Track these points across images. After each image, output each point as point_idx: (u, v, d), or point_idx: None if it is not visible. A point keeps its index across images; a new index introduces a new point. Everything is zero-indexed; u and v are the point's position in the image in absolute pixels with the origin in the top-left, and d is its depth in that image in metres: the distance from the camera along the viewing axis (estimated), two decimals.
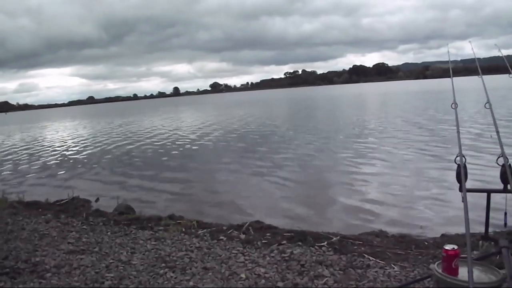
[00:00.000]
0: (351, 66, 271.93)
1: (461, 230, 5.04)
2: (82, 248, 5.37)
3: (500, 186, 3.23)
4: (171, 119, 39.94)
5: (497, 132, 3.46)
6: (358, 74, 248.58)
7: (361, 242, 5.14)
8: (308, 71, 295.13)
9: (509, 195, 3.03)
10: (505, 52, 4.69)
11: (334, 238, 5.24)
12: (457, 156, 3.21)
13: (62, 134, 31.76)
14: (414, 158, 12.06)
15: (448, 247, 2.98)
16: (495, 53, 4.85)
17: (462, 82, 34.04)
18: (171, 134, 24.08)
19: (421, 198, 8.10)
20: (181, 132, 24.82)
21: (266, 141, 17.98)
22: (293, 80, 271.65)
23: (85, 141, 23.95)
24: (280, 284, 4.00)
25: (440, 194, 8.21)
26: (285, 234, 5.54)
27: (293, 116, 34.56)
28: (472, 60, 4.89)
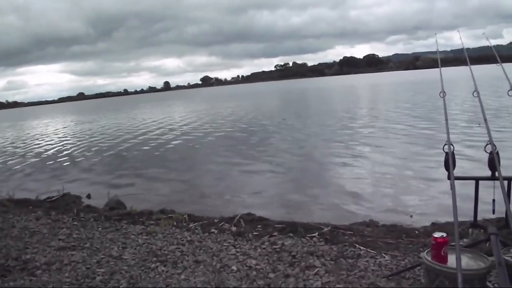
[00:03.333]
0: (341, 58, 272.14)
1: (451, 218, 5.05)
2: (73, 244, 5.34)
3: (489, 173, 3.26)
4: (161, 113, 39.80)
5: (485, 120, 3.48)
6: (348, 65, 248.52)
7: (352, 232, 5.15)
8: (299, 63, 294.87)
9: (497, 182, 3.04)
10: (493, 42, 4.70)
11: (325, 229, 5.25)
12: (445, 144, 3.24)
13: (52, 131, 31.58)
14: (404, 147, 12.14)
15: (437, 235, 3.00)
16: (483, 42, 4.87)
17: (453, 72, 34.16)
18: (161, 129, 24.02)
19: (411, 187, 8.16)
20: (171, 127, 24.77)
21: (256, 134, 18.00)
22: (284, 72, 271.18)
23: (76, 137, 23.84)
24: (271, 275, 4.00)
25: (430, 182, 8.27)
26: (276, 225, 5.54)
27: (284, 108, 34.54)
28: (462, 50, 4.90)
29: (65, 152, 17.60)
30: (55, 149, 19.00)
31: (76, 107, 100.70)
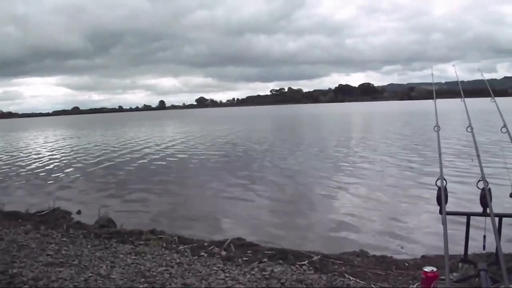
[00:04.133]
0: (336, 85, 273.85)
1: (441, 251, 5.04)
2: (61, 260, 5.30)
3: (480, 209, 3.28)
4: (156, 132, 39.78)
5: (478, 155, 3.52)
6: (343, 93, 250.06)
7: (342, 262, 5.15)
8: (294, 89, 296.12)
9: (488, 218, 3.07)
10: (487, 76, 4.77)
11: (315, 257, 5.24)
12: (438, 179, 3.25)
13: (45, 144, 31.47)
14: (396, 179, 12.14)
15: (427, 269, 3.01)
16: (478, 76, 4.94)
17: (447, 104, 34.44)
18: (154, 148, 23.97)
19: (402, 219, 8.15)
20: (164, 146, 24.71)
21: (249, 158, 18.00)
22: (279, 97, 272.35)
23: (69, 152, 23.75)
24: None
25: (421, 215, 8.29)
26: (266, 252, 5.53)
27: (277, 133, 34.61)
28: (456, 83, 4.97)
29: (57, 167, 17.51)
30: (47, 163, 18.91)
31: (71, 121, 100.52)
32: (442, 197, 3.12)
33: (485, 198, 3.13)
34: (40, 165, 18.36)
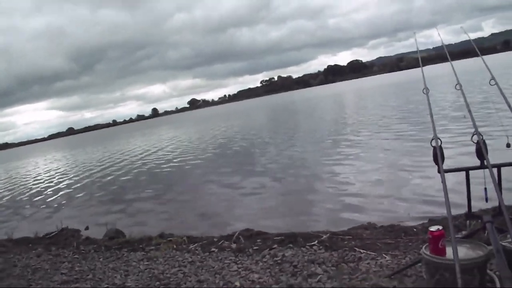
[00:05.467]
0: (325, 67, 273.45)
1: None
2: (76, 277, 5.34)
3: (478, 162, 3.29)
4: (150, 140, 39.71)
5: (469, 111, 3.53)
6: (333, 74, 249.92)
7: (351, 237, 5.18)
8: (284, 77, 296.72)
9: (486, 170, 3.09)
10: (474, 35, 4.77)
11: (324, 236, 5.27)
12: (432, 139, 3.28)
13: (44, 168, 31.44)
14: (393, 148, 12.27)
15: (433, 228, 3.03)
16: (464, 37, 4.94)
17: (436, 69, 34.46)
18: (151, 156, 23.96)
19: (405, 186, 8.22)
20: (161, 153, 24.65)
21: (246, 151, 18.05)
22: (270, 87, 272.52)
23: (68, 173, 23.74)
24: (274, 286, 4.02)
25: (423, 179, 8.35)
26: (275, 238, 5.56)
27: (271, 123, 34.73)
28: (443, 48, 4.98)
29: (59, 188, 17.51)
30: (48, 186, 18.90)
31: (66, 143, 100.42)
32: (438, 156, 3.14)
33: (481, 150, 3.15)
34: (42, 189, 18.35)
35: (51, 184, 19.69)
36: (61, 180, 20.57)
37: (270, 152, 16.04)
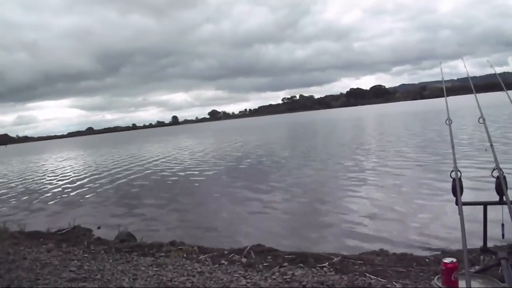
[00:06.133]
0: (347, 90, 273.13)
1: (461, 244, 5.06)
2: (84, 275, 5.36)
3: (497, 198, 3.26)
4: (170, 148, 39.89)
5: (491, 145, 3.51)
6: (355, 97, 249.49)
7: (362, 262, 5.14)
8: (306, 96, 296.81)
9: (505, 206, 3.05)
10: (499, 69, 4.74)
11: (335, 259, 5.24)
12: (452, 171, 3.26)
13: (62, 165, 31.74)
14: (411, 177, 12.18)
15: (446, 260, 3.00)
16: (490, 70, 4.91)
17: (460, 100, 34.22)
18: (170, 162, 24.11)
19: (420, 215, 8.18)
20: (179, 161, 24.79)
21: (263, 167, 18.05)
22: (291, 105, 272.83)
23: (86, 172, 23.94)
24: None
25: (439, 209, 8.28)
26: (286, 256, 5.54)
27: (289, 141, 34.72)
28: (468, 79, 4.95)
29: (74, 186, 17.67)
30: (64, 183, 19.08)
31: (85, 142, 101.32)
32: (457, 188, 3.12)
33: (500, 186, 3.12)
34: (57, 185, 18.54)
35: (67, 181, 19.88)
36: (76, 178, 20.76)
37: (288, 171, 16.00)
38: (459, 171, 3.26)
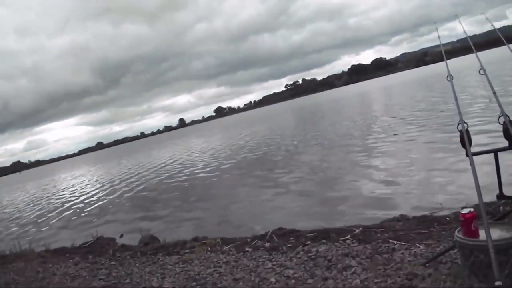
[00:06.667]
0: (348, 67, 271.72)
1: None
2: (114, 282, 5.45)
3: (506, 143, 3.28)
4: (178, 150, 39.91)
5: (494, 93, 3.52)
6: (358, 73, 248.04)
7: (383, 229, 5.17)
8: (308, 79, 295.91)
9: None
10: (499, 24, 4.69)
11: (357, 230, 5.27)
12: (458, 124, 3.27)
13: (77, 182, 31.98)
14: (420, 140, 12.32)
15: (464, 211, 3.03)
16: (488, 27, 4.87)
17: (462, 61, 34.00)
18: (181, 164, 24.17)
19: (435, 176, 8.23)
20: (189, 162, 24.81)
21: (274, 154, 18.07)
22: (295, 90, 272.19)
23: (100, 185, 24.11)
24: (310, 281, 4.05)
25: (453, 167, 8.31)
26: (308, 235, 5.57)
27: (298, 126, 34.70)
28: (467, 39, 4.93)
29: (91, 200, 17.82)
30: (81, 199, 19.26)
31: (96, 157, 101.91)
32: (465, 139, 3.14)
33: (508, 131, 3.14)
34: (74, 202, 18.71)
35: (82, 196, 20.07)
36: (91, 192, 20.95)
37: (299, 155, 16.04)
38: (465, 123, 3.28)
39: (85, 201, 17.96)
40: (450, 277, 3.42)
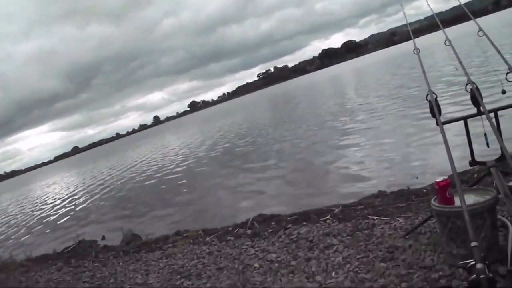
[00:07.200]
0: (320, 52, 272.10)
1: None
2: (98, 283, 5.41)
3: (474, 110, 3.32)
4: (154, 148, 39.57)
5: (460, 62, 3.56)
6: (329, 57, 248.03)
7: (362, 206, 5.22)
8: (280, 67, 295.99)
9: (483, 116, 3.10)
10: (463, 0, 4.72)
11: (336, 210, 5.31)
12: (427, 94, 3.30)
13: (53, 189, 31.61)
14: (392, 117, 12.54)
15: (438, 179, 3.06)
16: (454, 3, 4.90)
17: (430, 38, 34.43)
18: (156, 162, 23.98)
19: (410, 150, 8.36)
20: (165, 158, 24.68)
21: (248, 144, 18.06)
22: (268, 79, 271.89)
23: (77, 190, 23.89)
24: (293, 262, 4.07)
25: (425, 140, 8.41)
26: (288, 218, 5.59)
27: (271, 114, 34.72)
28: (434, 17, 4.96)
29: (70, 205, 17.66)
30: (59, 205, 19.04)
31: (72, 162, 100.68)
32: (435, 109, 3.17)
33: (475, 97, 3.17)
34: (53, 209, 18.49)
35: (61, 203, 19.86)
36: (71, 198, 20.70)
37: (274, 142, 16.07)
38: (434, 93, 3.31)
39: (64, 207, 17.77)
40: (430, 246, 3.47)
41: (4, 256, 9.11)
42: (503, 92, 3.41)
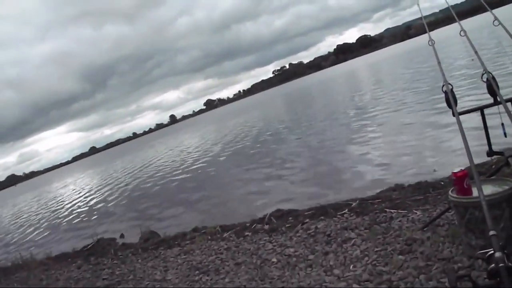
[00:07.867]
0: (335, 47, 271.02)
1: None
2: (118, 280, 5.47)
3: (491, 100, 3.28)
4: (170, 147, 39.69)
5: (476, 52, 3.53)
6: (344, 52, 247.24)
7: (380, 200, 5.20)
8: (295, 63, 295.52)
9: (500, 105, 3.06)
10: None
11: (354, 204, 5.30)
12: (443, 85, 3.28)
13: (72, 189, 31.86)
14: (409, 110, 12.41)
15: (455, 170, 3.03)
16: None
17: (445, 31, 34.11)
18: (174, 160, 24.07)
19: (427, 143, 8.27)
20: (181, 156, 24.75)
21: (265, 141, 17.98)
22: (283, 76, 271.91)
23: (95, 189, 24.03)
24: (311, 256, 4.07)
25: (442, 132, 8.34)
26: (306, 213, 5.60)
27: (287, 111, 34.63)
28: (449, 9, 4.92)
29: (88, 204, 17.76)
30: (78, 204, 19.19)
31: (90, 162, 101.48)
32: (451, 100, 3.14)
33: (491, 87, 3.14)
34: (73, 207, 18.63)
35: (79, 202, 20.00)
36: (87, 197, 20.91)
37: (292, 138, 16.02)
38: (449, 84, 3.27)
39: (82, 206, 17.91)
40: (448, 238, 3.45)
41: (25, 255, 9.21)
42: None
